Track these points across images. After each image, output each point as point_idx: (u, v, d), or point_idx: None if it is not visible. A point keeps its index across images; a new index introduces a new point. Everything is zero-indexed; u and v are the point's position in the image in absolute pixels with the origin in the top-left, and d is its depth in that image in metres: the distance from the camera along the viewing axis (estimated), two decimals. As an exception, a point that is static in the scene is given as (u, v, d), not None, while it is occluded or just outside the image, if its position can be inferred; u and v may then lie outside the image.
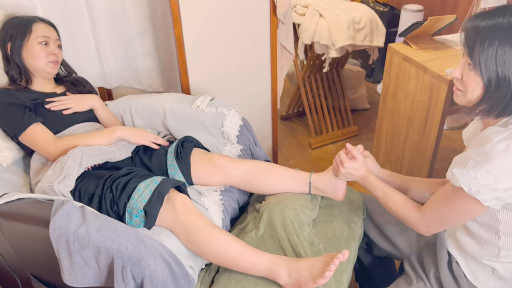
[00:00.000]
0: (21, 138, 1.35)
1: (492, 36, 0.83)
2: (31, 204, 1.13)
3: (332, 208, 1.37)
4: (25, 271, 1.26)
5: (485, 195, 0.86)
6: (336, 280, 1.15)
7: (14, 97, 1.37)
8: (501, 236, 0.96)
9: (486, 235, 0.98)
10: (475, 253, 1.02)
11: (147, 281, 1.03)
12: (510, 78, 0.84)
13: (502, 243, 0.96)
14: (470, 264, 1.03)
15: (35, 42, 1.42)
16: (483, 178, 0.85)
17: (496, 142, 0.84)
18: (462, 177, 0.88)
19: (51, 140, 1.34)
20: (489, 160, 0.84)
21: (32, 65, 1.43)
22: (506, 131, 0.86)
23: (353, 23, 2.22)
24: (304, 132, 2.76)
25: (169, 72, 2.08)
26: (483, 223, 0.98)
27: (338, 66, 2.65)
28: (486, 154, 0.85)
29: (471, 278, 1.03)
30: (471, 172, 0.86)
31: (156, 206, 1.16)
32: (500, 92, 0.86)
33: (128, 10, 1.87)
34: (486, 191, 0.86)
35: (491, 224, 0.96)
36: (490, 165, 0.84)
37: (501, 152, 0.83)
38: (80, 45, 1.89)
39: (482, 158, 0.85)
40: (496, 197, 0.86)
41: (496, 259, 0.99)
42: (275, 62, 1.90)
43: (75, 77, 1.62)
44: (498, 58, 0.83)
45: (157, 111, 1.61)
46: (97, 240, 1.02)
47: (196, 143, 1.49)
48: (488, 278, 1.01)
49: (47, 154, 1.34)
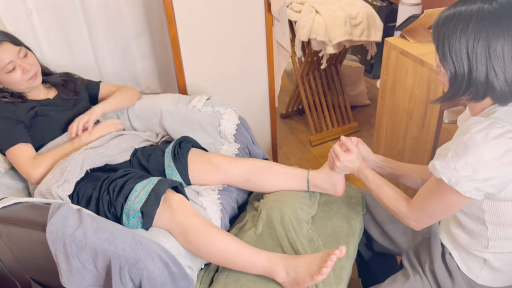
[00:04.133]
0: (6, 153, 1.34)
1: (446, 27, 0.86)
2: (28, 208, 1.13)
3: (331, 205, 1.37)
4: (25, 275, 1.26)
5: (464, 186, 0.86)
6: (335, 276, 1.14)
7: (8, 111, 1.36)
8: (488, 226, 0.95)
9: (474, 226, 0.98)
10: (466, 245, 1.02)
11: (145, 282, 1.03)
12: (465, 68, 0.85)
13: (490, 233, 0.96)
14: (463, 256, 1.03)
15: (3, 74, 1.33)
16: (462, 169, 0.85)
17: (474, 133, 0.84)
18: (442, 168, 0.88)
19: (33, 163, 1.32)
20: (467, 151, 0.84)
21: (16, 88, 1.39)
22: (485, 121, 0.85)
23: (350, 18, 2.21)
24: (304, 130, 2.75)
25: (167, 74, 2.08)
26: (470, 214, 0.98)
27: (337, 63, 2.64)
28: (464, 145, 0.85)
29: (464, 269, 1.02)
30: (451, 163, 0.86)
31: (153, 207, 1.16)
32: (459, 82, 0.87)
33: (123, 13, 1.88)
34: (465, 182, 0.85)
35: (477, 214, 0.96)
36: (468, 156, 0.84)
37: (479, 143, 0.83)
38: (77, 49, 1.90)
39: (461, 149, 0.85)
40: (476, 187, 0.86)
41: (485, 249, 0.98)
42: (271, 60, 1.90)
43: (61, 77, 1.56)
44: (452, 49, 0.86)
45: (154, 112, 1.61)
46: (94, 242, 1.02)
47: (194, 143, 1.49)
48: (481, 269, 1.00)
49: (27, 176, 1.33)
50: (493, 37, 0.82)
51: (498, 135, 0.83)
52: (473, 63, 0.84)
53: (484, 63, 0.84)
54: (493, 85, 0.85)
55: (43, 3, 1.72)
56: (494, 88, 0.85)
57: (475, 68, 0.85)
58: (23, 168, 1.32)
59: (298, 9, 2.31)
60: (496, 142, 0.83)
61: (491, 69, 0.84)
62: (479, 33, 0.83)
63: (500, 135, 0.83)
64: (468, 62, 0.85)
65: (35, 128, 1.40)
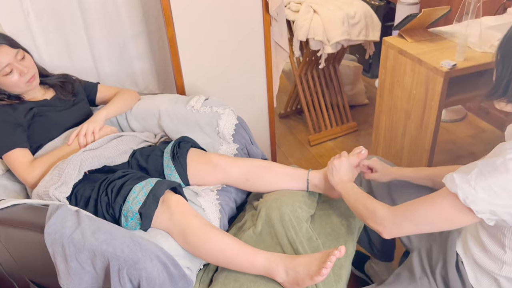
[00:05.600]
0: (3, 158, 1.34)
1: None
2: (26, 210, 1.13)
3: (330, 204, 1.37)
4: (23, 277, 1.25)
5: (480, 206, 0.83)
6: (335, 275, 1.14)
7: (6, 115, 1.35)
8: (507, 250, 0.91)
9: (493, 247, 0.95)
10: (481, 262, 0.98)
11: (144, 284, 1.02)
12: None
13: (507, 258, 0.92)
14: (475, 270, 1.00)
15: (0, 76, 1.33)
16: (482, 191, 0.82)
17: (509, 159, 0.80)
18: (461, 184, 0.84)
19: (29, 168, 1.31)
20: (495, 174, 0.81)
21: (13, 91, 1.39)
22: None
23: (348, 18, 2.21)
24: (303, 129, 2.75)
25: (165, 74, 2.07)
26: (493, 234, 0.94)
27: (335, 62, 2.64)
28: (494, 168, 0.81)
29: (474, 282, 0.99)
30: (472, 181, 0.83)
31: (151, 208, 1.15)
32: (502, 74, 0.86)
33: (121, 13, 1.87)
34: (482, 203, 0.82)
35: (499, 237, 0.92)
36: (494, 180, 0.81)
37: (510, 171, 0.79)
38: (75, 49, 1.89)
39: (488, 170, 0.82)
40: (492, 211, 0.83)
41: (499, 271, 0.95)
42: (269, 60, 1.89)
43: (59, 78, 1.55)
44: None
45: (152, 113, 1.60)
46: (92, 243, 1.01)
47: (193, 143, 1.48)
48: (490, 286, 0.97)
49: (23, 181, 1.33)
50: None
51: None
52: None
53: None
54: None
55: (41, 5, 1.72)
56: None
57: None
58: (19, 173, 1.32)
59: (296, 8, 2.31)
60: None
61: None
62: None
63: None
64: None
65: (33, 129, 1.40)
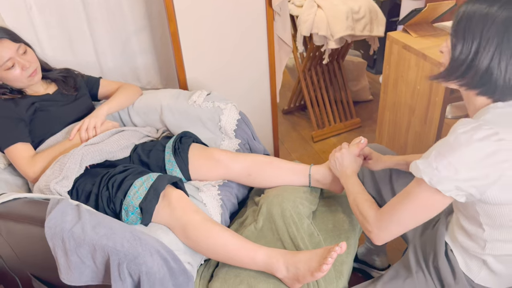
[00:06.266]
0: (5, 152, 1.34)
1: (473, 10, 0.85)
2: (27, 204, 1.13)
3: (332, 200, 1.36)
4: (25, 271, 1.26)
5: (445, 185, 0.85)
6: (336, 271, 1.14)
7: (8, 110, 1.35)
8: (484, 228, 0.93)
9: (472, 228, 0.97)
10: (466, 245, 1.00)
11: (144, 278, 1.02)
12: (472, 45, 0.85)
13: (486, 235, 0.94)
14: (463, 255, 1.01)
15: (2, 71, 1.33)
16: (444, 169, 0.84)
17: (460, 133, 0.84)
18: (424, 168, 0.87)
19: (31, 162, 1.32)
20: (451, 151, 0.84)
21: (15, 85, 1.39)
22: (473, 123, 0.85)
23: (352, 13, 2.19)
24: (306, 125, 2.74)
25: (168, 69, 2.07)
26: (469, 216, 0.96)
27: (339, 58, 2.62)
28: (449, 145, 0.85)
29: (464, 268, 1.00)
30: (433, 163, 0.86)
31: (151, 203, 1.15)
32: (460, 59, 0.87)
33: (124, 8, 1.87)
34: (446, 181, 0.85)
35: (474, 216, 0.94)
36: (452, 156, 0.84)
37: (463, 143, 0.83)
38: (78, 44, 1.89)
39: (445, 149, 0.85)
40: (457, 187, 0.85)
41: (482, 251, 0.96)
42: (272, 55, 1.88)
43: (61, 73, 1.55)
44: (468, 24, 0.85)
45: (154, 108, 1.60)
46: (92, 238, 1.01)
47: (194, 138, 1.48)
48: (480, 269, 0.98)
49: (25, 175, 1.33)
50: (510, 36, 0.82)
51: (484, 137, 0.82)
52: (482, 45, 0.84)
53: (492, 51, 0.83)
54: (491, 76, 0.85)
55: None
56: (490, 80, 0.85)
57: (481, 52, 0.84)
58: (21, 167, 1.32)
59: (300, 3, 2.29)
60: (480, 144, 0.82)
61: (496, 58, 0.83)
62: (503, 21, 0.82)
63: (485, 137, 0.82)
64: (478, 43, 0.84)
65: (35, 124, 1.40)
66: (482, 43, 0.84)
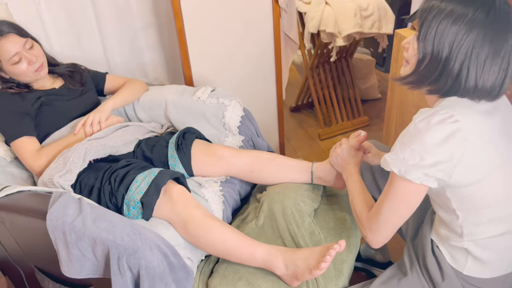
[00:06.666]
0: (11, 145, 1.36)
1: (439, 12, 0.85)
2: (31, 197, 1.14)
3: (334, 198, 1.35)
4: (29, 263, 1.27)
5: (414, 173, 0.87)
6: (335, 270, 1.13)
7: (15, 104, 1.37)
8: (458, 214, 0.95)
9: (447, 216, 0.98)
10: (446, 236, 1.01)
11: (143, 272, 1.03)
12: (442, 56, 0.85)
13: (461, 221, 0.95)
14: (447, 248, 1.01)
15: (9, 65, 1.35)
16: (409, 158, 0.87)
17: (418, 121, 0.87)
18: (392, 160, 0.90)
19: (36, 156, 1.33)
20: (412, 139, 0.87)
21: (22, 79, 1.40)
22: (430, 110, 0.87)
23: (360, 10, 2.17)
24: (313, 123, 2.73)
25: (175, 65, 2.07)
26: (442, 204, 0.98)
27: (347, 55, 2.60)
28: (410, 134, 0.88)
29: (450, 261, 1.00)
30: (399, 154, 0.89)
31: (152, 198, 1.16)
32: (430, 68, 0.88)
33: (132, 5, 1.88)
34: (414, 169, 0.87)
35: (446, 203, 0.96)
36: (413, 144, 0.86)
37: (423, 130, 0.86)
38: (86, 40, 1.90)
39: (406, 138, 0.88)
40: (425, 173, 0.87)
41: (461, 238, 0.97)
42: (279, 52, 1.87)
43: (68, 68, 1.57)
44: (437, 33, 0.85)
45: (159, 103, 1.61)
46: (93, 231, 1.02)
47: (198, 134, 1.48)
48: (466, 259, 0.98)
49: (30, 168, 1.35)
50: (481, 43, 0.83)
51: (440, 120, 0.85)
52: (453, 55, 0.85)
53: (461, 61, 0.85)
54: (459, 85, 0.87)
55: (51, -6, 1.73)
56: (460, 88, 0.87)
57: (452, 61, 0.85)
58: (26, 161, 1.34)
59: (308, 0, 2.28)
60: (438, 127, 0.84)
61: (465, 69, 0.85)
62: (469, 31, 0.83)
63: (442, 120, 0.85)
64: (448, 51, 0.85)
65: (40, 118, 1.42)
66: (452, 53, 0.85)
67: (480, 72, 0.85)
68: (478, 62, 0.84)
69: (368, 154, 1.27)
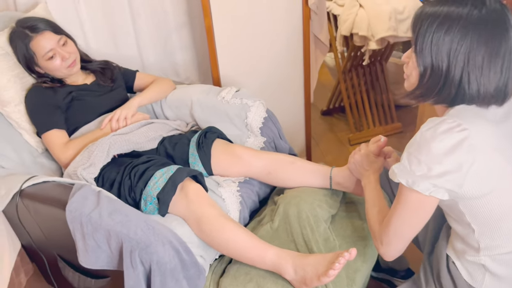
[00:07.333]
0: (42, 137, 1.43)
1: (431, 22, 0.84)
2: (55, 187, 1.19)
3: (353, 205, 1.32)
4: (52, 251, 1.33)
5: (422, 184, 0.84)
6: (348, 278, 1.10)
7: (47, 97, 1.43)
8: (474, 227, 0.90)
9: (463, 230, 0.94)
10: (462, 251, 0.96)
11: (154, 267, 1.04)
12: (443, 66, 0.84)
13: (477, 236, 0.91)
14: (464, 264, 0.97)
15: (44, 60, 1.42)
16: (417, 169, 0.85)
17: (425, 131, 0.85)
18: (400, 171, 0.88)
19: (64, 148, 1.39)
20: (419, 149, 0.85)
21: (55, 74, 1.47)
22: (437, 119, 0.85)
23: (396, 13, 2.11)
24: (344, 128, 2.68)
25: (206, 65, 2.09)
26: (457, 218, 0.94)
27: (382, 59, 2.53)
28: (417, 144, 0.86)
29: (467, 277, 0.96)
30: (407, 165, 0.87)
31: (169, 194, 1.17)
32: (432, 80, 0.86)
33: (166, 5, 1.91)
34: (422, 180, 0.84)
35: (461, 217, 0.92)
36: (420, 154, 0.84)
37: (429, 139, 0.83)
38: (121, 38, 1.96)
39: (413, 148, 0.86)
40: (433, 184, 0.84)
41: (477, 253, 0.92)
42: (308, 54, 1.85)
43: (100, 64, 1.62)
44: (433, 44, 0.84)
45: (185, 102, 1.63)
46: (108, 223, 1.05)
47: (219, 134, 1.49)
48: (483, 276, 0.93)
49: (58, 160, 1.41)
50: (476, 45, 0.80)
51: (447, 129, 0.82)
52: (452, 63, 0.83)
53: (461, 68, 0.82)
54: (463, 92, 0.84)
55: (90, -7, 1.79)
56: (464, 95, 0.85)
57: (453, 69, 0.83)
58: (55, 152, 1.40)
59: (342, 2, 2.24)
60: (444, 136, 0.82)
61: (466, 76, 0.82)
62: (464, 37, 0.81)
63: (449, 129, 0.82)
64: (447, 61, 0.83)
65: (70, 111, 1.48)
66: (451, 62, 0.83)
67: (480, 74, 0.82)
68: (477, 65, 0.82)
69: (388, 159, 1.23)
